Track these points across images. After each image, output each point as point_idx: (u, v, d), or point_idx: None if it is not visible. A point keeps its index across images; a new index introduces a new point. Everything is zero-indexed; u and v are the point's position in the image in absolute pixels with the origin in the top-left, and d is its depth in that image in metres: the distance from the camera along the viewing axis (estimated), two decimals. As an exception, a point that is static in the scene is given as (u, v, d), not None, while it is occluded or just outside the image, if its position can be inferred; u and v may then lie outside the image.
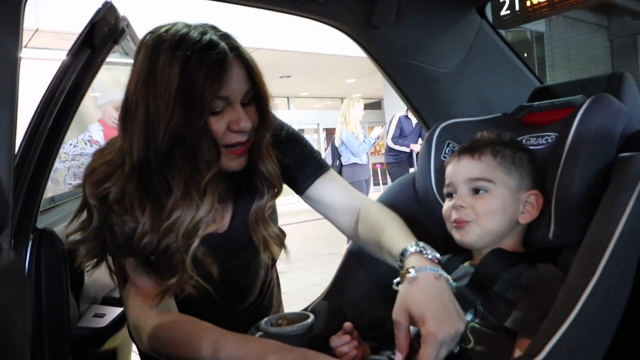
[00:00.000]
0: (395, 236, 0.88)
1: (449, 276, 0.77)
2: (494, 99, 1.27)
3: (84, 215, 0.91)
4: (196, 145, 0.81)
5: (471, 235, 0.89)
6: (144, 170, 0.83)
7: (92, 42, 1.04)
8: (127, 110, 0.83)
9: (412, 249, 0.80)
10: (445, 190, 0.97)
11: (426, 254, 0.79)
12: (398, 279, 0.77)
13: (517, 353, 0.71)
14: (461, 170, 0.93)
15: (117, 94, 0.87)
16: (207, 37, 0.80)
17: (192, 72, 0.78)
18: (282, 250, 1.02)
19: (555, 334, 0.63)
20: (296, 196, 1.07)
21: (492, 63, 1.27)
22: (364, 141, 4.89)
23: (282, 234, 1.04)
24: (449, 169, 0.96)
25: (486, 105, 1.25)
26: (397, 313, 0.73)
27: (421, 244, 0.81)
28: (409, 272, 0.75)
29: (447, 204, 0.95)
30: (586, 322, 0.64)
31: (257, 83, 0.85)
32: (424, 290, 0.73)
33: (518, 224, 0.90)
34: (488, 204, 0.88)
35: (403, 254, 0.80)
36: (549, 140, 0.99)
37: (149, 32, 0.84)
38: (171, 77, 0.78)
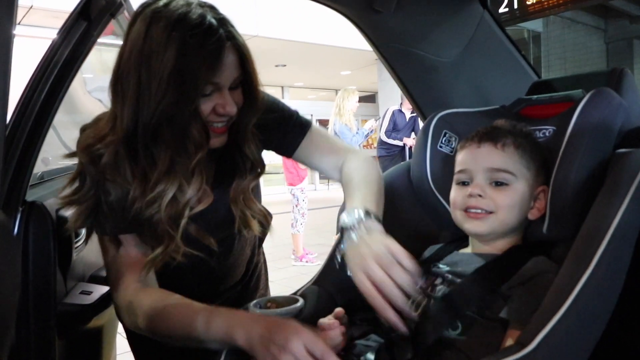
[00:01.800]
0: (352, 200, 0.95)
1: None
2: (493, 90, 1.26)
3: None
4: (185, 126, 0.82)
5: (487, 226, 0.86)
6: (132, 140, 0.84)
7: (88, 15, 1.02)
8: (118, 78, 0.83)
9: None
10: (457, 177, 0.93)
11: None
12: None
13: (509, 342, 0.71)
14: (482, 158, 0.89)
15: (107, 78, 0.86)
16: (206, 21, 0.80)
17: (188, 56, 0.78)
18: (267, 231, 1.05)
19: (546, 324, 0.63)
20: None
21: (492, 55, 1.26)
22: (357, 133, 4.89)
23: (269, 215, 1.04)
24: (464, 155, 0.92)
25: (484, 97, 1.25)
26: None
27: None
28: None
29: (458, 191, 0.92)
30: (578, 314, 0.64)
31: (248, 70, 0.86)
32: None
33: (526, 219, 0.89)
34: (509, 197, 0.86)
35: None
36: (547, 134, 0.99)
37: (146, 3, 0.83)
38: (167, 57, 0.78)
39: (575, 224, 0.79)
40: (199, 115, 0.83)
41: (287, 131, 1.04)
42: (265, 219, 1.01)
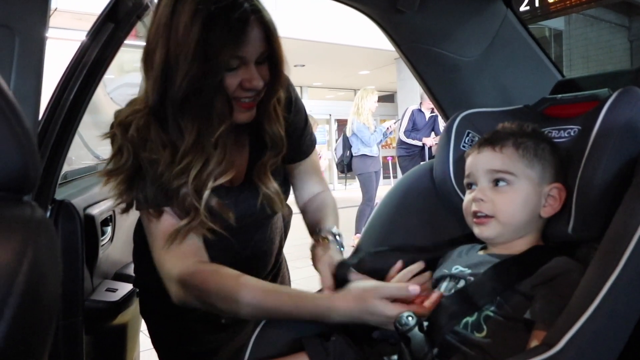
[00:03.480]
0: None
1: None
2: (516, 90, 1.25)
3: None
4: (210, 98, 0.84)
5: (491, 230, 0.88)
6: (161, 112, 0.86)
7: (116, 17, 1.04)
8: (148, 53, 0.86)
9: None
10: (465, 181, 0.95)
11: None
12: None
13: (534, 343, 0.71)
14: (482, 161, 0.91)
15: (127, 79, 0.88)
16: None
17: (213, 30, 0.79)
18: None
19: (574, 325, 0.62)
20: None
21: (515, 53, 1.25)
22: (375, 131, 4.88)
23: (284, 197, 1.06)
24: (469, 161, 0.95)
25: (507, 96, 1.24)
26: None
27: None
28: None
29: (467, 197, 0.93)
30: (606, 314, 0.63)
31: (274, 45, 0.87)
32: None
33: (540, 218, 0.88)
34: (509, 198, 0.86)
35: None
36: (572, 134, 0.98)
37: None
38: (192, 31, 0.80)
39: (601, 225, 0.78)
40: (224, 89, 0.84)
41: (301, 142, 1.07)
42: (279, 199, 1.02)
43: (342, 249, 1.01)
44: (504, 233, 0.88)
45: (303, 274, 1.11)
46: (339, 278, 0.91)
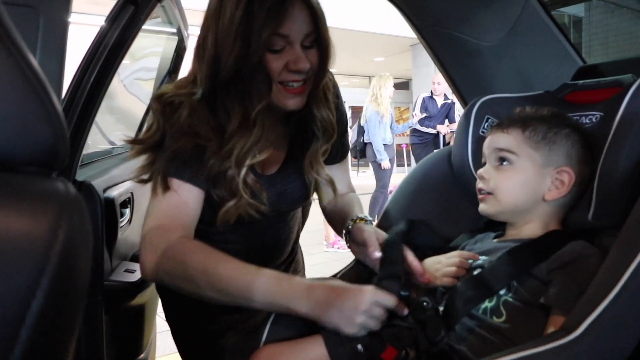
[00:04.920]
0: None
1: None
2: (536, 76, 1.23)
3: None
4: (251, 78, 0.85)
5: (490, 206, 0.90)
6: (211, 97, 0.89)
7: (135, 0, 1.04)
8: (200, 42, 0.89)
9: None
10: (482, 162, 0.96)
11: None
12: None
13: (551, 329, 0.71)
14: (490, 142, 0.93)
15: (139, 65, 0.89)
16: None
17: (254, 8, 0.81)
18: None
19: (594, 310, 0.62)
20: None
21: (536, 39, 1.23)
22: (391, 125, 4.85)
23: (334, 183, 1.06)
24: (484, 142, 0.96)
25: (528, 82, 1.22)
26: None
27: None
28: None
29: (477, 174, 0.96)
30: (627, 300, 0.62)
31: (320, 27, 0.87)
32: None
33: (544, 201, 0.88)
34: (508, 176, 0.88)
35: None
36: (593, 120, 0.96)
37: None
38: (236, 13, 0.82)
39: (622, 212, 0.77)
40: (264, 68, 0.85)
41: (338, 147, 1.07)
42: (332, 186, 1.04)
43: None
44: (503, 211, 0.90)
45: (318, 260, 1.12)
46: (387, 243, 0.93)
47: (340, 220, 1.06)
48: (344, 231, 1.02)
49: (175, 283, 0.86)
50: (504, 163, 0.90)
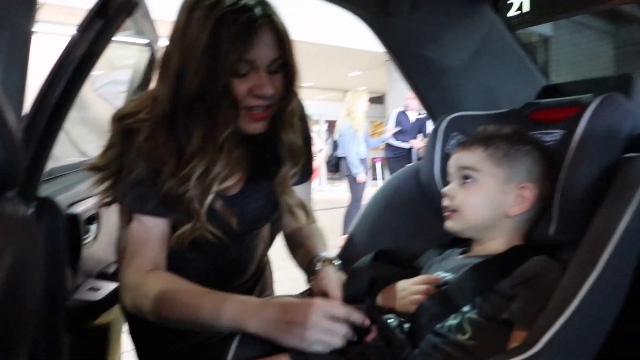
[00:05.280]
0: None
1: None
2: (502, 94, 1.27)
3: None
4: (217, 102, 0.84)
5: (456, 223, 0.92)
6: (171, 117, 0.87)
7: (105, 13, 1.03)
8: (164, 59, 0.88)
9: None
10: (447, 180, 0.98)
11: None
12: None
13: (513, 344, 0.72)
14: (454, 160, 0.95)
15: (115, 76, 0.89)
16: (243, 1, 0.83)
17: (221, 32, 0.80)
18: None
19: (553, 325, 0.63)
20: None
21: (502, 58, 1.26)
22: (365, 139, 4.88)
23: (306, 206, 1.06)
24: (449, 161, 0.98)
25: (494, 100, 1.25)
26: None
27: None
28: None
29: (442, 191, 0.97)
30: (584, 315, 0.64)
31: (287, 52, 0.87)
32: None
33: (507, 217, 0.90)
34: (472, 193, 0.90)
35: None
36: (555, 138, 0.99)
37: None
38: (203, 34, 0.81)
39: (582, 227, 0.79)
40: (231, 93, 0.84)
41: (302, 169, 1.05)
42: (304, 209, 1.03)
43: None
44: (468, 228, 0.92)
45: (289, 275, 1.11)
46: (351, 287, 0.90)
47: (302, 253, 1.04)
48: (307, 267, 0.99)
49: (148, 318, 0.88)
50: (468, 180, 0.91)
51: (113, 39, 1.09)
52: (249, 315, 0.77)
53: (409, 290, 0.90)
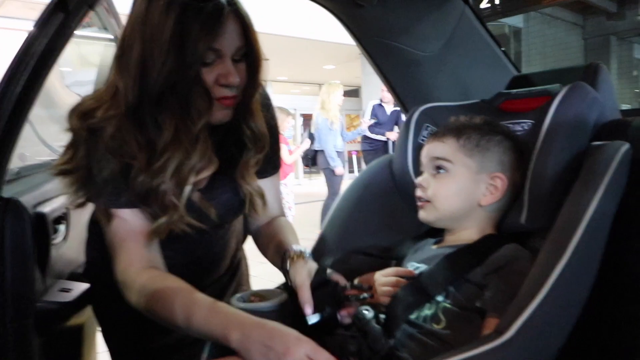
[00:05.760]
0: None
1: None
2: (473, 84, 1.28)
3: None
4: (188, 92, 0.82)
5: (429, 214, 0.93)
6: (138, 111, 0.84)
7: (66, 6, 0.99)
8: (123, 51, 0.84)
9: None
10: (420, 171, 0.98)
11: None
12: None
13: (486, 332, 0.72)
14: (427, 150, 0.96)
15: (86, 75, 0.86)
16: None
17: (187, 21, 0.78)
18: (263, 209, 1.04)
19: (523, 312, 0.64)
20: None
21: (472, 49, 1.27)
22: (341, 132, 4.89)
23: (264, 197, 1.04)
24: (422, 151, 0.99)
25: (465, 91, 1.26)
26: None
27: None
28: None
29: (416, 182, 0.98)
30: (554, 301, 0.65)
31: (251, 41, 0.86)
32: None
33: (480, 207, 0.91)
34: (445, 184, 0.91)
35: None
36: (525, 127, 1.00)
37: None
38: (167, 24, 0.79)
39: (552, 215, 0.80)
40: (201, 82, 0.83)
41: (268, 160, 1.03)
42: (262, 199, 1.01)
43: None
44: (441, 218, 0.92)
45: (267, 269, 1.10)
46: (317, 283, 0.86)
47: (273, 249, 1.02)
48: (281, 264, 0.95)
49: (149, 316, 0.87)
50: (441, 171, 0.92)
51: (76, 33, 1.06)
52: (235, 330, 0.75)
53: (378, 282, 0.90)
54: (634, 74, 12.20)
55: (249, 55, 0.87)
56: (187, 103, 0.83)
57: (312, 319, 0.83)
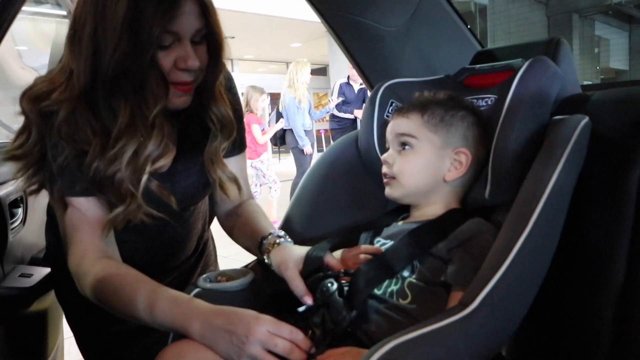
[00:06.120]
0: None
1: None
2: (438, 60, 1.28)
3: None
4: (143, 77, 0.79)
5: (395, 190, 0.93)
6: (92, 94, 0.81)
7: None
8: (75, 30, 0.80)
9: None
10: (386, 147, 0.98)
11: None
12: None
13: (452, 305, 0.74)
14: (392, 127, 0.95)
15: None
16: None
17: (142, 2, 0.74)
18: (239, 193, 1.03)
19: (487, 285, 0.65)
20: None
21: (436, 24, 1.27)
22: (309, 110, 4.86)
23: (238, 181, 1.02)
24: (387, 128, 0.98)
25: (430, 66, 1.26)
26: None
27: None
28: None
29: (382, 159, 0.97)
30: (516, 274, 0.66)
31: (211, 22, 0.82)
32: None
33: (445, 182, 0.91)
34: (410, 160, 0.91)
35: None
36: (489, 102, 1.01)
37: None
38: (120, 3, 0.74)
39: (515, 189, 0.81)
40: (157, 66, 0.79)
41: (237, 137, 1.00)
42: (235, 184, 1.00)
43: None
44: (407, 194, 0.92)
45: (236, 250, 1.09)
46: (310, 272, 0.85)
47: (247, 234, 1.00)
48: (259, 248, 0.95)
49: (104, 307, 0.85)
50: (406, 147, 0.92)
51: (25, 9, 1.00)
52: (195, 320, 0.74)
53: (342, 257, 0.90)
54: (596, 51, 12.52)
55: (210, 37, 0.84)
56: (143, 88, 0.79)
57: (304, 306, 0.84)
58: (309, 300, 0.82)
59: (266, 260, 0.91)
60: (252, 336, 0.69)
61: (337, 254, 0.92)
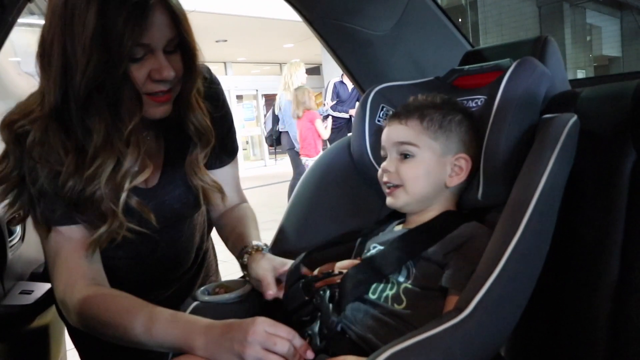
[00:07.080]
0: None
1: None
2: (427, 62, 1.28)
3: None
4: (117, 92, 0.78)
5: (399, 199, 0.92)
6: (64, 113, 0.80)
7: (1, 0, 0.95)
8: (44, 49, 0.78)
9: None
10: (381, 154, 0.98)
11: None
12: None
13: (448, 309, 0.74)
14: (390, 134, 0.95)
15: None
16: None
17: (110, 15, 0.73)
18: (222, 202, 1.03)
19: (481, 288, 0.65)
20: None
21: (425, 26, 1.27)
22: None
23: (222, 189, 1.02)
24: (382, 133, 0.97)
25: (420, 69, 1.27)
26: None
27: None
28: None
29: (381, 167, 0.97)
30: (509, 276, 0.67)
31: (183, 31, 0.81)
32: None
33: (446, 187, 0.92)
34: (413, 169, 0.90)
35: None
36: (479, 103, 1.02)
37: None
38: (88, 18, 0.73)
39: (508, 189, 0.82)
40: (130, 81, 0.78)
41: (223, 148, 1.01)
42: (219, 192, 1.00)
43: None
44: (411, 202, 0.92)
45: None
46: (293, 281, 0.87)
47: (233, 239, 1.01)
48: (239, 257, 0.96)
49: (95, 335, 0.85)
50: (408, 156, 0.91)
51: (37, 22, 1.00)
52: (198, 336, 0.74)
53: (337, 267, 0.90)
54: (588, 39, 12.52)
55: (182, 45, 0.83)
56: (117, 104, 0.78)
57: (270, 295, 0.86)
58: (269, 292, 0.84)
59: (244, 271, 0.92)
60: (250, 337, 0.70)
61: (344, 263, 0.92)
